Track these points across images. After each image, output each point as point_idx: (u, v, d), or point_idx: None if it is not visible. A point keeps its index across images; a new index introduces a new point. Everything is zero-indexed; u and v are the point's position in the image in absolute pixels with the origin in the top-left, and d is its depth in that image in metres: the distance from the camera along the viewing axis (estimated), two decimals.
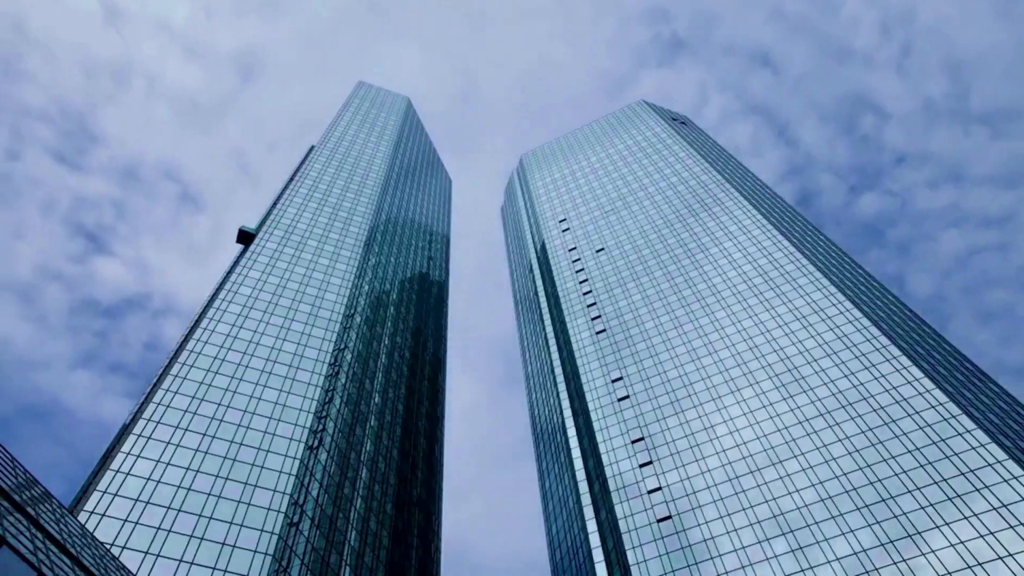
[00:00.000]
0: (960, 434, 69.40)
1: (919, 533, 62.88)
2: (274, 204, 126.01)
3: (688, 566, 70.43)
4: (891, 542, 63.37)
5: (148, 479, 63.59)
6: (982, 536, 60.27)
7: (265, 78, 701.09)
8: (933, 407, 73.41)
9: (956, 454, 67.82)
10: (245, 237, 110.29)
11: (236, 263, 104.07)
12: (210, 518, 62.46)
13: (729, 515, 73.41)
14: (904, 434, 72.26)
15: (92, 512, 58.52)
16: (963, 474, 65.84)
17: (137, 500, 61.15)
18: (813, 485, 72.06)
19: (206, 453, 68.86)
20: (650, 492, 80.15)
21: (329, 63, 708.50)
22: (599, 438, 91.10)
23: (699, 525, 73.88)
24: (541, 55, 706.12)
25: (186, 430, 70.47)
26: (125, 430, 70.84)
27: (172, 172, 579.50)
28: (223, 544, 60.62)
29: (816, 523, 68.44)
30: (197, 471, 66.52)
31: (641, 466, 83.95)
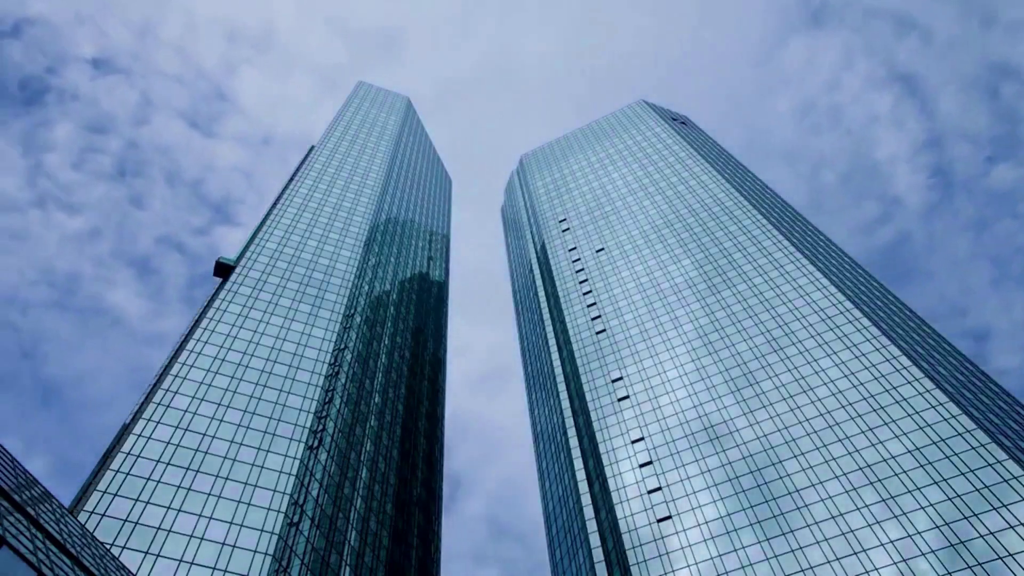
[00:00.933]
0: (960, 434, 69.40)
1: (919, 533, 62.87)
2: (274, 204, 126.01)
3: (688, 566, 70.43)
4: (891, 542, 63.37)
5: (148, 479, 63.60)
6: (982, 536, 60.27)
7: (403, 53, 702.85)
8: (933, 407, 73.41)
9: (956, 454, 67.82)
10: (222, 270, 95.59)
11: (236, 262, 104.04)
12: (210, 518, 62.46)
13: (729, 515, 73.41)
14: (904, 434, 72.26)
15: (92, 512, 58.52)
16: (963, 474, 65.83)
17: (137, 500, 61.15)
18: (813, 485, 72.07)
19: (206, 453, 68.87)
20: (650, 492, 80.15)
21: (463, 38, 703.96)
22: (599, 438, 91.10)
23: (699, 525, 73.88)
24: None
25: (186, 430, 70.47)
26: (125, 430, 70.84)
27: (303, 144, 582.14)
28: (223, 544, 60.61)
29: (816, 523, 68.44)
30: (197, 471, 66.52)
31: (641, 466, 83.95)
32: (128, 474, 63.28)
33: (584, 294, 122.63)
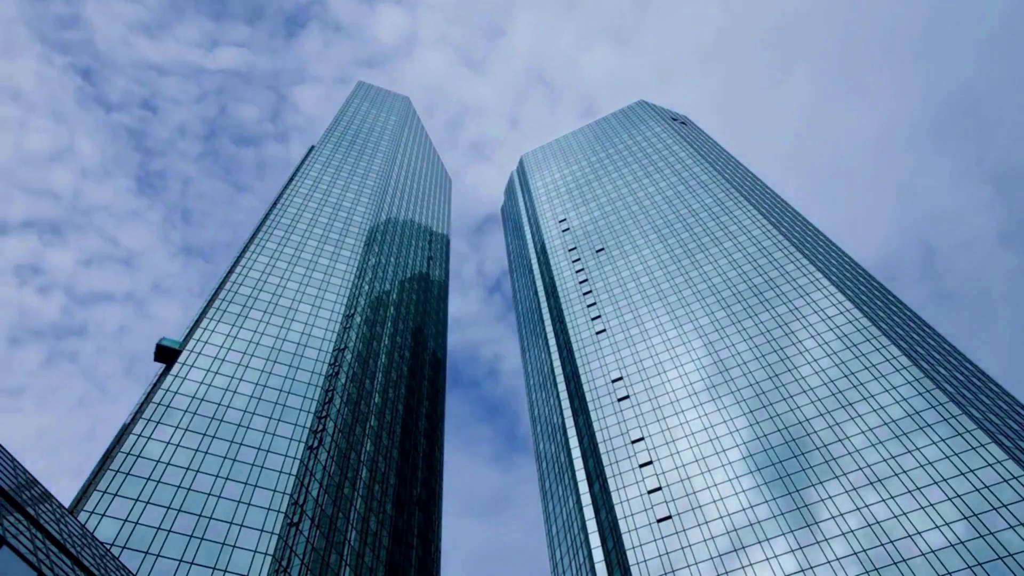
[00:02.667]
0: (960, 434, 69.39)
1: (919, 533, 62.87)
2: (274, 204, 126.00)
3: (688, 566, 70.43)
4: (891, 542, 63.38)
5: (148, 479, 63.60)
6: (982, 536, 60.27)
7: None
8: (933, 407, 73.40)
9: (956, 454, 67.81)
10: (164, 354, 79.96)
11: (236, 262, 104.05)
12: (210, 518, 62.46)
13: (729, 515, 73.41)
14: (904, 434, 72.25)
15: (92, 512, 58.52)
16: (963, 474, 65.83)
17: (137, 500, 61.16)
18: (812, 485, 72.08)
19: (206, 453, 68.87)
20: (650, 492, 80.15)
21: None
22: (599, 438, 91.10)
23: (699, 525, 73.89)
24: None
25: (186, 430, 70.47)
26: (125, 430, 70.85)
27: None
28: (223, 544, 60.62)
29: (816, 523, 68.45)
30: (197, 471, 66.52)
31: (641, 466, 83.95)
32: (128, 474, 63.29)
33: (584, 294, 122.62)
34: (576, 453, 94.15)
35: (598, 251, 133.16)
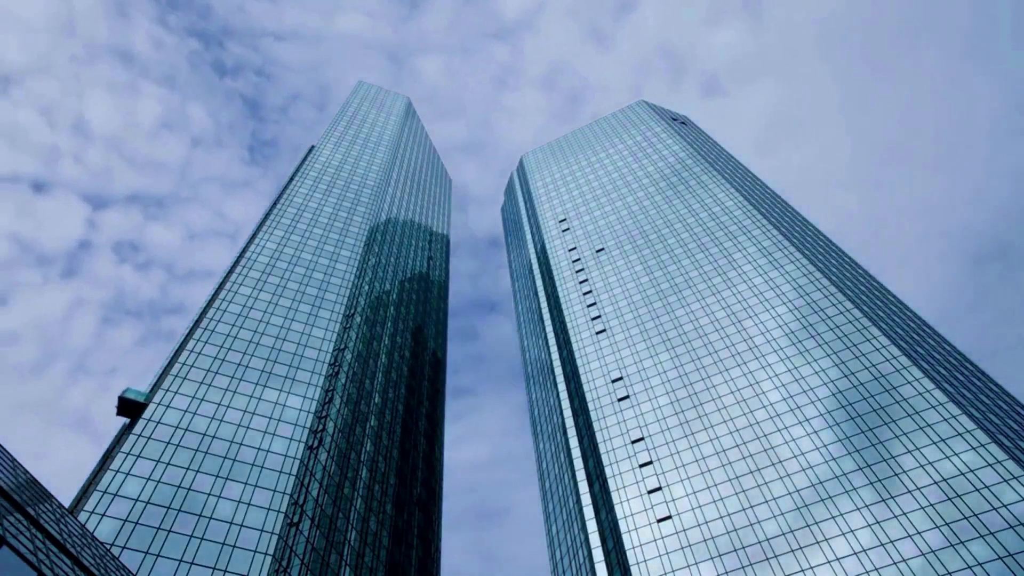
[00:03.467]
0: (960, 434, 69.40)
1: (919, 533, 62.88)
2: (274, 204, 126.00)
3: (688, 566, 70.43)
4: (891, 542, 63.39)
5: (148, 479, 63.61)
6: (982, 536, 60.27)
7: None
8: (933, 407, 73.41)
9: (956, 454, 67.82)
10: (129, 408, 72.77)
11: (236, 263, 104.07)
12: (210, 518, 62.47)
13: (729, 515, 73.42)
14: (904, 434, 72.27)
15: (92, 512, 58.53)
16: (963, 474, 65.84)
17: (137, 500, 61.17)
18: (813, 485, 72.08)
19: (206, 453, 68.87)
20: (650, 492, 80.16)
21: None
22: (599, 438, 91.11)
23: (699, 525, 73.89)
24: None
25: (186, 430, 70.48)
26: (125, 430, 70.86)
27: None
28: (223, 544, 60.63)
29: (816, 523, 68.46)
30: (197, 471, 66.53)
31: (641, 466, 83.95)
32: (128, 474, 63.30)
33: (584, 294, 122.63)
34: (576, 453, 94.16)
35: (598, 251, 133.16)
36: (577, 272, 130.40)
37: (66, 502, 65.20)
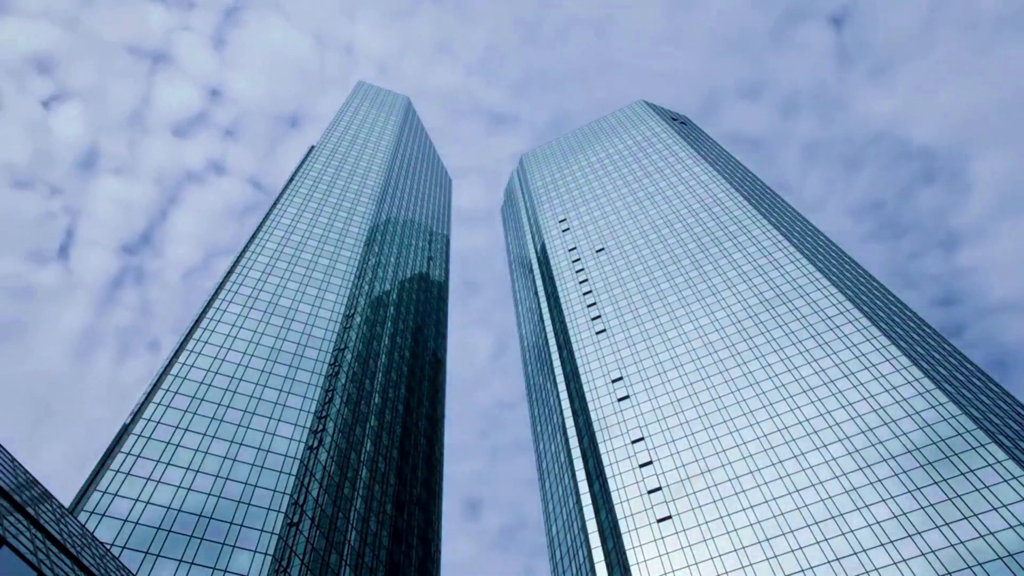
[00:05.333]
0: (960, 434, 69.40)
1: (919, 533, 62.88)
2: (274, 204, 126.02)
3: (688, 566, 70.42)
4: (891, 542, 63.38)
5: (148, 479, 63.60)
6: (982, 536, 60.28)
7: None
8: (933, 407, 73.41)
9: (956, 454, 67.82)
10: None
11: (236, 263, 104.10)
12: (210, 518, 62.46)
13: (729, 515, 73.42)
14: (904, 434, 72.27)
15: (92, 512, 58.53)
16: (963, 474, 65.84)
17: (137, 500, 61.17)
18: (813, 485, 72.08)
19: (206, 453, 68.87)
20: (650, 492, 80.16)
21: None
22: (599, 438, 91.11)
23: (699, 525, 73.89)
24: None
25: (186, 430, 70.48)
26: (125, 430, 70.86)
27: None
28: (223, 544, 60.62)
29: (816, 523, 68.45)
30: (197, 471, 66.53)
31: (641, 466, 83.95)
32: (128, 474, 63.30)
33: (584, 294, 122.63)
34: (576, 453, 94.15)
35: (598, 251, 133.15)
36: (577, 272, 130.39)
37: (66, 502, 65.21)
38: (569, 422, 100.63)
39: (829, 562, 64.45)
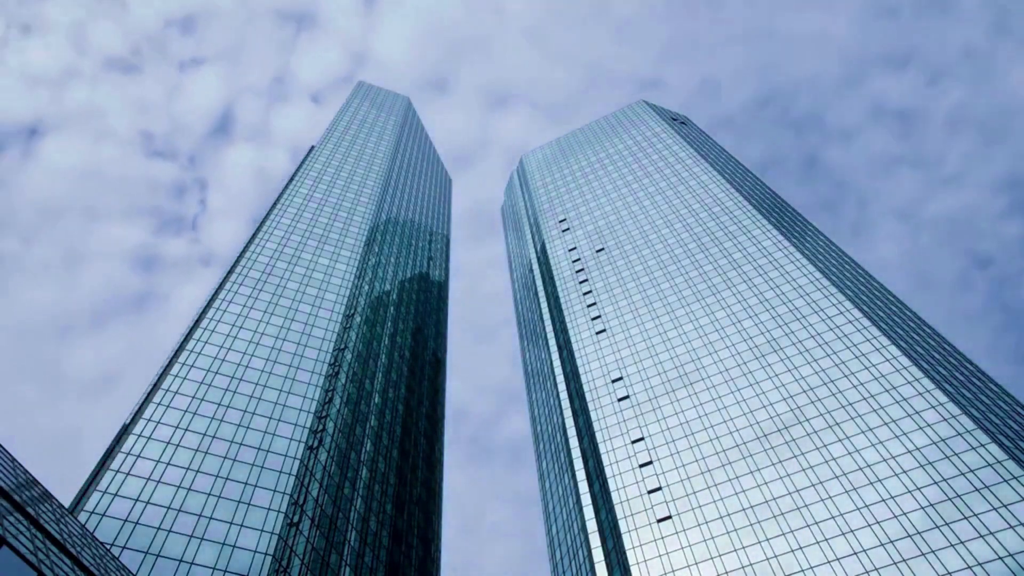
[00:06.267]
0: (960, 434, 69.40)
1: (919, 533, 62.88)
2: (274, 204, 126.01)
3: (688, 566, 70.42)
4: (891, 542, 63.38)
5: (148, 479, 63.60)
6: (982, 536, 60.27)
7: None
8: (933, 407, 73.41)
9: (956, 454, 67.82)
10: None
11: (236, 263, 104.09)
12: (210, 518, 62.47)
13: (729, 515, 73.41)
14: (904, 434, 72.27)
15: (92, 512, 58.53)
16: (963, 474, 65.83)
17: (137, 500, 61.16)
18: (813, 485, 72.08)
19: (206, 453, 68.87)
20: (650, 492, 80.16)
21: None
22: (599, 438, 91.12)
23: (699, 525, 73.88)
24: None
25: (186, 430, 70.48)
26: (125, 430, 70.85)
27: None
28: (223, 544, 60.62)
29: (816, 523, 68.43)
30: (197, 471, 66.53)
31: (641, 466, 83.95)
32: (128, 474, 63.30)
33: (584, 294, 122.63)
34: (576, 453, 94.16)
35: (598, 251, 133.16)
36: (577, 272, 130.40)
37: (66, 502, 65.21)
38: (569, 422, 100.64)
39: (829, 562, 64.45)
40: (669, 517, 76.19)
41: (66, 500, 67.57)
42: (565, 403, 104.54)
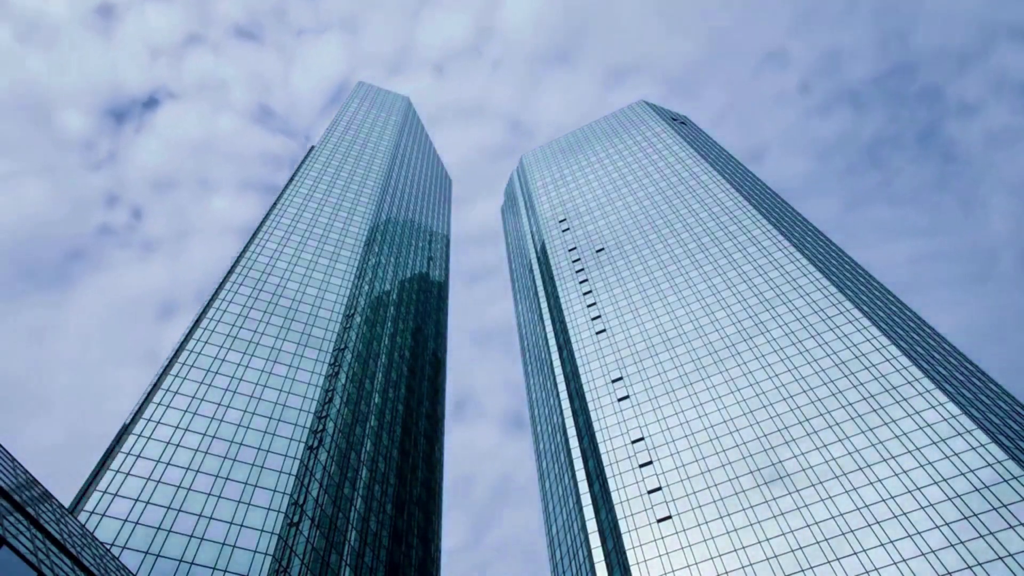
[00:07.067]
0: (960, 434, 69.40)
1: (919, 533, 62.87)
2: (274, 204, 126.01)
3: (688, 566, 70.42)
4: (891, 542, 63.38)
5: (148, 479, 63.60)
6: (982, 536, 60.27)
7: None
8: (933, 407, 73.41)
9: (956, 454, 67.82)
10: None
11: (236, 263, 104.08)
12: (210, 518, 62.46)
13: (729, 515, 73.42)
14: (904, 434, 72.26)
15: (92, 512, 58.53)
16: (963, 474, 65.83)
17: (137, 500, 61.16)
18: (812, 485, 72.08)
19: (206, 453, 68.87)
20: (650, 492, 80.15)
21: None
22: (599, 438, 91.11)
23: (699, 525, 73.89)
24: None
25: (186, 430, 70.48)
26: (125, 430, 70.85)
27: None
28: (223, 544, 60.62)
29: (816, 523, 68.43)
30: (197, 471, 66.52)
31: (641, 466, 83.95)
32: (128, 474, 63.29)
33: (584, 294, 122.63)
34: (576, 453, 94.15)
35: (598, 251, 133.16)
36: (577, 272, 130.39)
37: (66, 502, 65.21)
38: (569, 422, 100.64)
39: (829, 562, 64.45)
40: (669, 517, 76.18)
41: (66, 500, 67.59)
42: (565, 403, 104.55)
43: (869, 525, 65.71)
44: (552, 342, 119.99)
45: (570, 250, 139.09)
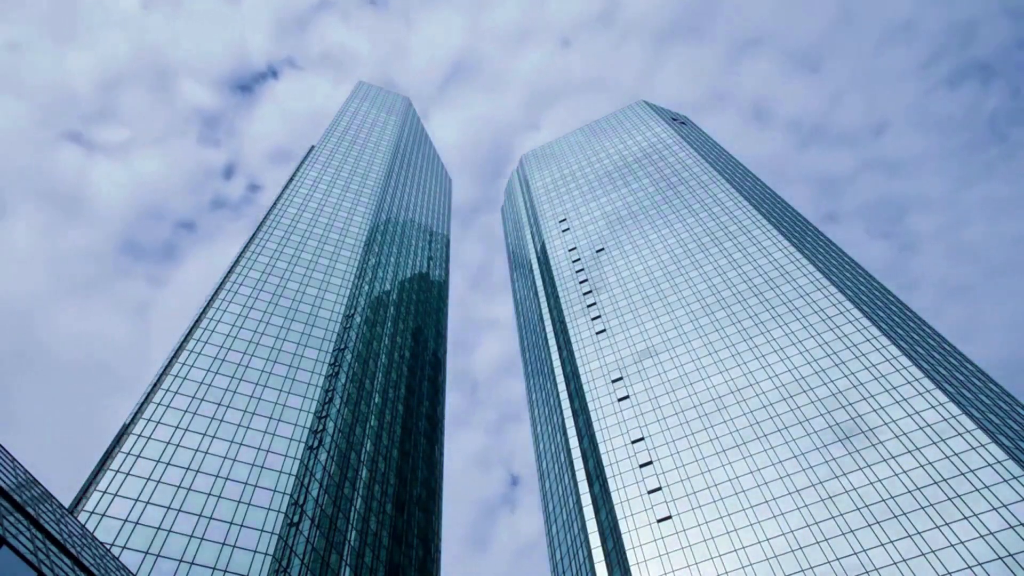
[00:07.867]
0: (960, 434, 69.40)
1: (919, 533, 62.88)
2: (274, 204, 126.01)
3: (688, 566, 70.42)
4: (891, 542, 63.39)
5: (148, 479, 63.60)
6: (982, 536, 60.27)
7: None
8: (933, 407, 73.41)
9: (956, 454, 67.82)
10: None
11: (236, 263, 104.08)
12: (210, 518, 62.46)
13: (729, 515, 73.42)
14: (904, 434, 72.27)
15: (92, 512, 58.53)
16: (963, 474, 65.84)
17: (137, 500, 61.16)
18: (813, 485, 72.08)
19: (206, 453, 68.86)
20: (650, 492, 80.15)
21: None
22: (599, 438, 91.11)
23: (699, 525, 73.89)
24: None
25: (186, 430, 70.47)
26: (125, 430, 70.86)
27: None
28: (223, 544, 60.62)
29: (816, 523, 68.44)
30: (197, 471, 66.52)
31: (641, 466, 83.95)
32: (128, 474, 63.29)
33: (584, 294, 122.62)
34: (576, 453, 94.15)
35: (598, 251, 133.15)
36: (577, 272, 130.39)
37: (66, 502, 65.22)
38: (569, 422, 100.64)
39: (829, 562, 64.46)
40: (669, 517, 76.19)
41: (66, 500, 67.59)
42: (565, 403, 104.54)
43: (869, 525, 65.72)
44: (552, 342, 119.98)
45: (570, 250, 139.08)
